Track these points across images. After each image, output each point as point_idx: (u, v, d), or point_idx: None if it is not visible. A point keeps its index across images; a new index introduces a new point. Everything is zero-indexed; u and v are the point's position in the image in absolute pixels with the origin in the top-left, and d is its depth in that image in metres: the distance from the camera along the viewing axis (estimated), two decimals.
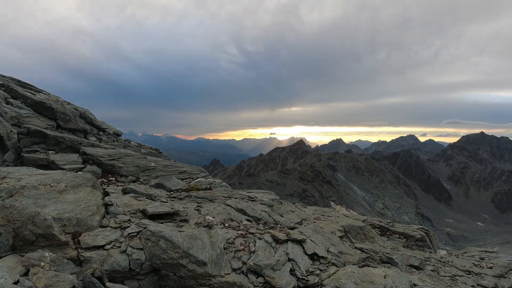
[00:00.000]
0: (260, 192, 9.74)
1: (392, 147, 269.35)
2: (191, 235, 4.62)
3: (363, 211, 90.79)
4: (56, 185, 4.87)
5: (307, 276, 4.95)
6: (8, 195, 4.28)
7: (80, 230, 4.52)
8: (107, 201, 5.71)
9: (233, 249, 4.92)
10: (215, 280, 4.30)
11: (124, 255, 4.29)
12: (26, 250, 3.96)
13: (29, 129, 9.22)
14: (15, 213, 4.02)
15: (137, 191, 6.73)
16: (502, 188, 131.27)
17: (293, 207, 9.93)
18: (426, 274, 7.21)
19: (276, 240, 5.47)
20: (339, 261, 5.97)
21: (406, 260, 7.85)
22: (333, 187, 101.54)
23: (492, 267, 8.90)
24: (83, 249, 4.26)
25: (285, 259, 5.03)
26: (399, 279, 5.24)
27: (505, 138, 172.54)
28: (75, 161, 8.57)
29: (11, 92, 11.85)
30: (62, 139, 9.28)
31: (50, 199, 4.52)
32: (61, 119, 11.79)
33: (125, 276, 4.20)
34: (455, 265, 8.86)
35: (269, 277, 4.52)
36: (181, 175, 9.68)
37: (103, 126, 13.97)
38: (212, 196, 7.57)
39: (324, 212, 13.34)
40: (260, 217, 7.29)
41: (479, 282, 7.38)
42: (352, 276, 4.93)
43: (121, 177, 8.65)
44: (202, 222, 5.72)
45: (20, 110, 10.68)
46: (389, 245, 10.39)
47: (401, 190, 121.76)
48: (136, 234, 4.71)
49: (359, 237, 9.46)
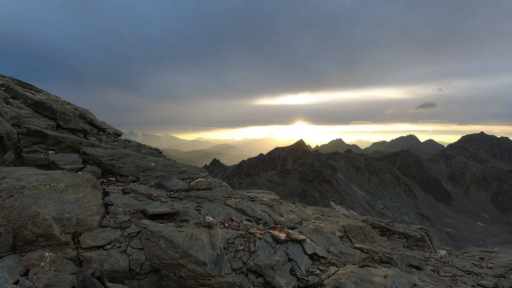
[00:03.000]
0: (260, 192, 9.74)
1: (392, 147, 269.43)
2: (191, 235, 4.62)
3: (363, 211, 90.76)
4: (56, 185, 4.87)
5: (307, 276, 4.95)
6: (8, 195, 4.28)
7: (80, 230, 4.52)
8: (107, 201, 5.71)
9: (233, 249, 4.92)
10: (215, 280, 4.30)
11: (124, 255, 4.29)
12: (26, 250, 3.96)
13: (29, 129, 9.22)
14: (15, 213, 4.02)
15: (137, 191, 6.73)
16: (502, 188, 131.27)
17: (293, 207, 9.92)
18: (426, 274, 7.21)
19: (276, 240, 5.47)
20: (339, 261, 5.97)
21: (406, 260, 7.85)
22: (333, 187, 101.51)
23: (492, 267, 8.90)
24: (83, 249, 4.26)
25: (285, 259, 5.02)
26: (399, 279, 5.24)
27: (505, 138, 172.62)
28: (75, 161, 8.57)
29: (11, 92, 11.84)
30: (62, 139, 9.28)
31: (50, 199, 4.52)
32: (61, 119, 11.79)
33: (125, 276, 4.20)
34: (455, 265, 8.86)
35: (269, 277, 4.52)
36: (181, 175, 9.68)
37: (103, 126, 13.97)
38: (212, 196, 7.57)
39: (324, 212, 13.34)
40: (260, 217, 7.29)
41: (479, 282, 7.38)
42: (352, 276, 4.93)
43: (121, 177, 8.65)
44: (202, 222, 5.72)
45: (20, 110, 10.68)
46: (389, 245, 10.39)
47: (401, 190, 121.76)
48: (136, 234, 4.71)
49: (359, 237, 9.46)
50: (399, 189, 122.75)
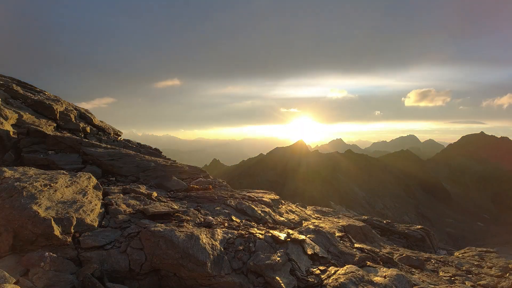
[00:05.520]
0: (260, 192, 9.74)
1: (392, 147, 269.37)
2: (191, 235, 4.62)
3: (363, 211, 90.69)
4: (56, 185, 4.87)
5: (307, 276, 4.95)
6: (8, 195, 4.28)
7: (80, 230, 4.52)
8: (107, 201, 5.71)
9: (233, 249, 4.92)
10: (215, 280, 4.30)
11: (124, 255, 4.29)
12: (26, 250, 3.96)
13: (29, 129, 9.22)
14: (15, 213, 4.02)
15: (137, 191, 6.73)
16: (502, 188, 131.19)
17: (293, 207, 9.92)
18: (426, 274, 7.21)
19: (276, 240, 5.47)
20: (339, 261, 5.97)
21: (406, 260, 7.85)
22: (333, 187, 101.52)
23: (492, 267, 8.90)
24: (83, 249, 4.26)
25: (285, 259, 5.02)
26: (399, 279, 5.25)
27: (505, 138, 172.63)
28: (75, 161, 8.58)
29: (11, 92, 11.84)
30: (62, 139, 9.28)
31: (50, 199, 4.52)
32: (61, 119, 11.79)
33: (125, 276, 4.20)
34: (455, 265, 8.87)
35: (269, 277, 4.52)
36: (181, 175, 9.67)
37: (103, 126, 13.97)
38: (212, 196, 7.57)
39: (324, 212, 13.35)
40: (260, 217, 7.29)
41: (479, 282, 7.39)
42: (352, 276, 4.93)
43: (121, 177, 8.65)
44: (202, 222, 5.72)
45: (20, 110, 10.67)
46: (389, 245, 10.39)
47: (401, 190, 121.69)
48: (136, 234, 4.71)
49: (359, 237, 9.46)
50: (399, 189, 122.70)
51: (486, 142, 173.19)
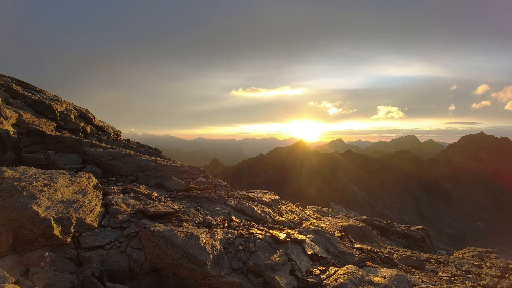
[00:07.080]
0: (260, 192, 9.74)
1: (392, 147, 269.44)
2: (191, 235, 4.62)
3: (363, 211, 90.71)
4: (56, 185, 4.87)
5: (307, 276, 4.95)
6: (8, 195, 4.28)
7: (80, 230, 4.53)
8: (107, 201, 5.71)
9: (233, 249, 4.92)
10: (215, 280, 4.30)
11: (124, 255, 4.30)
12: (26, 249, 3.97)
13: (29, 129, 9.22)
14: (15, 213, 4.02)
15: (137, 191, 6.73)
16: (502, 188, 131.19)
17: (293, 207, 9.92)
18: (426, 274, 7.21)
19: (276, 240, 5.47)
20: (339, 261, 5.97)
21: (406, 260, 7.85)
22: (333, 187, 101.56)
23: (492, 268, 8.90)
24: (83, 249, 4.26)
25: (285, 259, 5.02)
26: (399, 279, 5.25)
27: (505, 138, 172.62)
28: (75, 161, 8.58)
29: (11, 92, 11.83)
30: (62, 139, 9.28)
31: (50, 199, 4.53)
32: (61, 119, 11.79)
33: (125, 276, 4.20)
34: (455, 265, 8.87)
35: (269, 277, 4.52)
36: (181, 175, 9.67)
37: (103, 126, 13.97)
38: (212, 196, 7.57)
39: (324, 212, 13.35)
40: (260, 217, 7.29)
41: (479, 283, 7.39)
42: (352, 276, 4.93)
43: (121, 177, 8.66)
44: (202, 222, 5.72)
45: (20, 109, 10.67)
46: (389, 245, 10.40)
47: (401, 190, 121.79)
48: (136, 234, 4.71)
49: (359, 237, 9.46)
50: (399, 189, 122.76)
51: (486, 142, 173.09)
